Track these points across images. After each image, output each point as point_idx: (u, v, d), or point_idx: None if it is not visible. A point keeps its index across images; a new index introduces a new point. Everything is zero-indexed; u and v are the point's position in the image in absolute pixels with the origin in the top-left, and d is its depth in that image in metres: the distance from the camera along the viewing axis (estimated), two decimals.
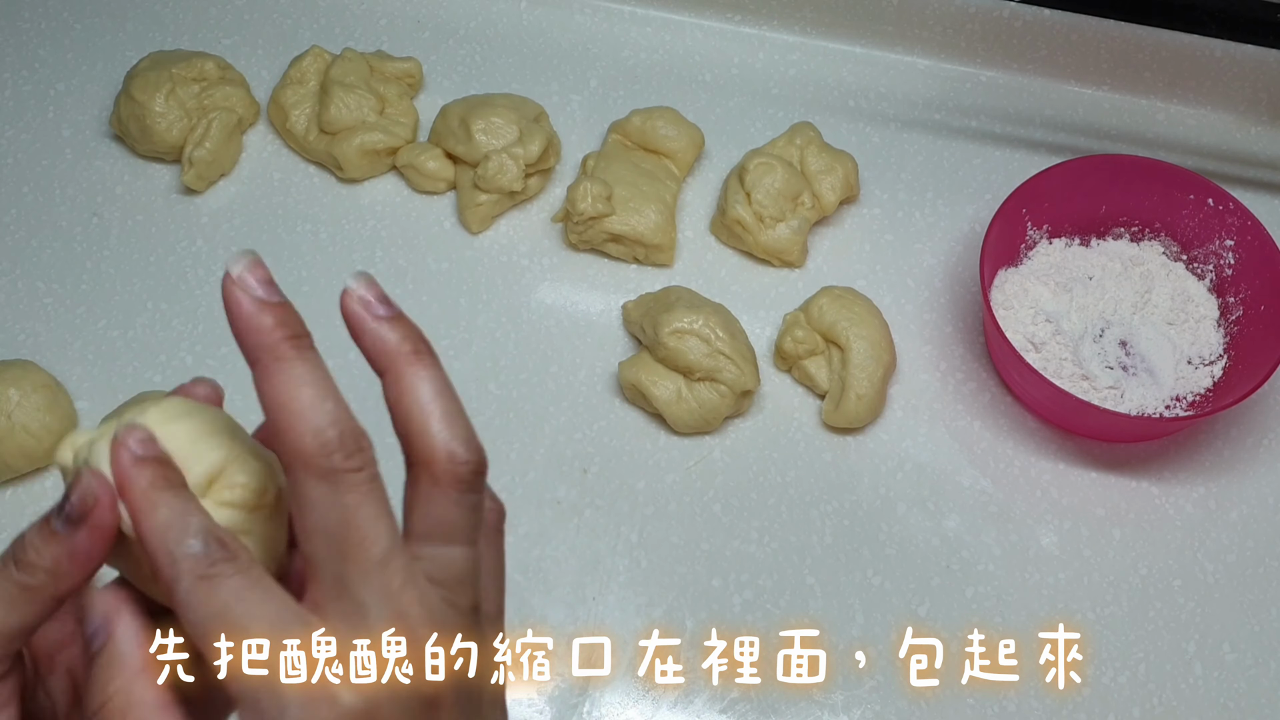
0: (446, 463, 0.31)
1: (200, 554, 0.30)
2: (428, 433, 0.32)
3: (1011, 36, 0.89)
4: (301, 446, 0.30)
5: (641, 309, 0.77)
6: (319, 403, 0.30)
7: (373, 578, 0.30)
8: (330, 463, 0.30)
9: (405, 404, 0.32)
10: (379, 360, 0.32)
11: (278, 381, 0.31)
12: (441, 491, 0.31)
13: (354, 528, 0.30)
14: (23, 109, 0.86)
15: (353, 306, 0.33)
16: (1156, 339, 0.77)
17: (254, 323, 0.31)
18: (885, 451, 0.75)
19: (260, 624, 0.29)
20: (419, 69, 0.87)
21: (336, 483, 0.30)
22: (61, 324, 0.78)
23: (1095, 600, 0.71)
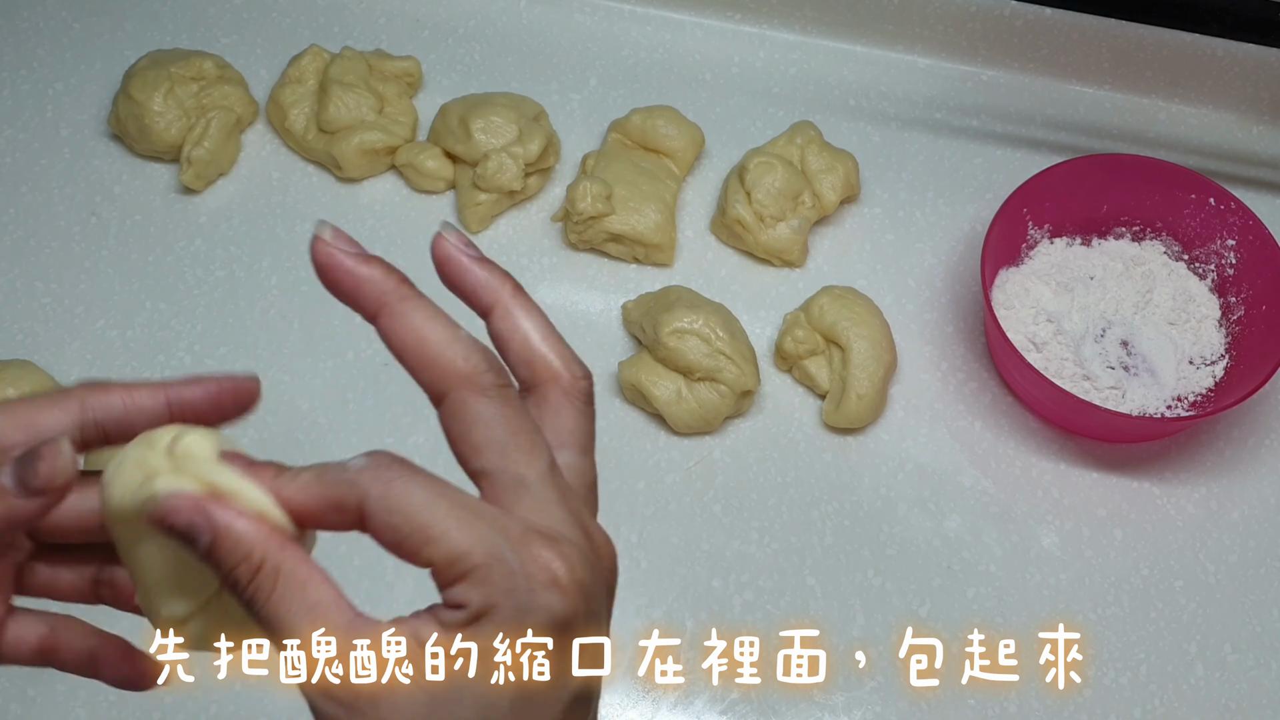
0: (571, 378, 0.35)
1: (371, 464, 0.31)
2: (549, 355, 0.35)
3: (1013, 35, 0.89)
4: (456, 370, 0.32)
5: (641, 309, 0.77)
6: (455, 331, 0.33)
7: (549, 479, 0.32)
8: (486, 380, 0.32)
9: (521, 333, 0.35)
10: (484, 296, 0.35)
11: (410, 321, 0.33)
12: (570, 403, 0.35)
13: (524, 435, 0.32)
14: (21, 108, 0.86)
15: (449, 250, 0.35)
16: (1158, 339, 0.77)
17: (366, 275, 0.33)
18: (886, 452, 0.75)
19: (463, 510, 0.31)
20: (418, 68, 0.87)
21: (495, 399, 0.32)
22: (60, 324, 0.78)
23: (1097, 601, 0.71)
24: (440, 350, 0.32)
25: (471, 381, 0.32)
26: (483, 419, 0.32)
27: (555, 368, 0.35)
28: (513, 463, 0.32)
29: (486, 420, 0.32)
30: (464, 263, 0.35)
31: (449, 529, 0.30)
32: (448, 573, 0.30)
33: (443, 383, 0.32)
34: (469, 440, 0.32)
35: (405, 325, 0.33)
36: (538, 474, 0.32)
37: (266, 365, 0.77)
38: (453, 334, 0.33)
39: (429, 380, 0.33)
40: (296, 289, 0.79)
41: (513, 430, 0.32)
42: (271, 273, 0.80)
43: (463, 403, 0.32)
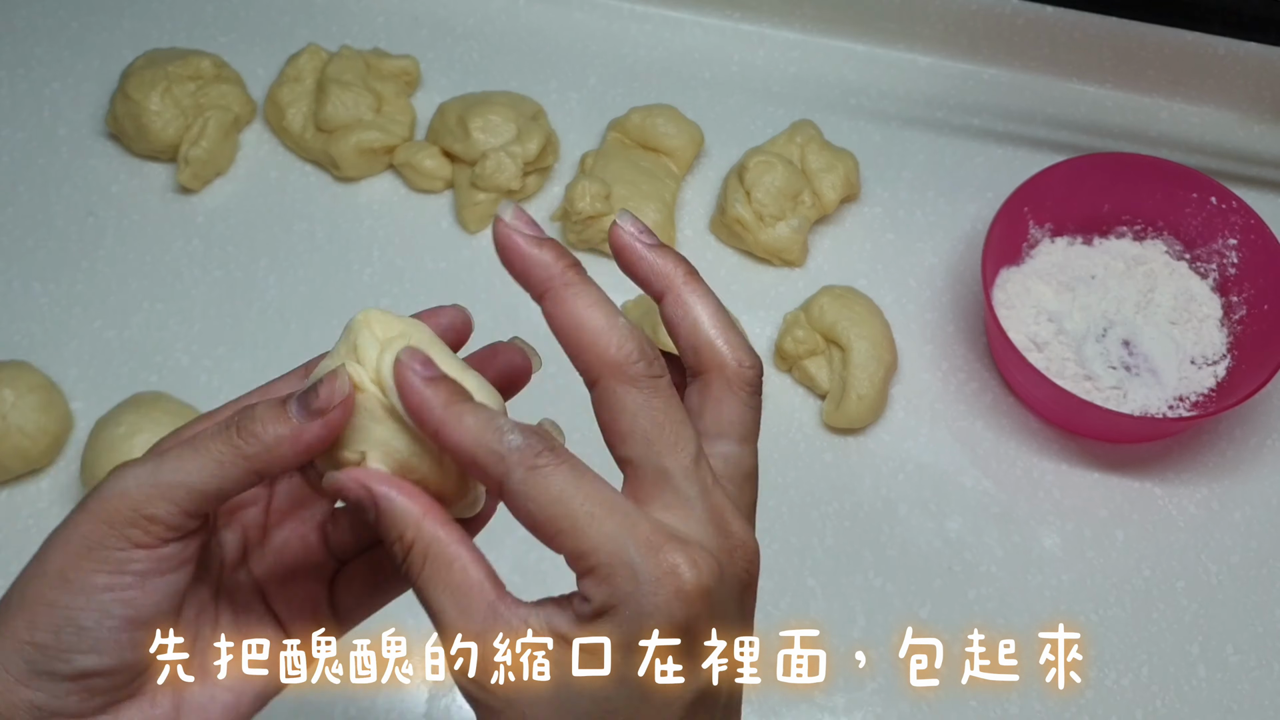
0: (738, 368, 0.35)
1: (524, 446, 0.32)
2: (717, 342, 0.35)
3: (1014, 34, 0.89)
4: (609, 357, 0.33)
5: (641, 308, 0.76)
6: (614, 319, 0.33)
7: (691, 473, 0.33)
8: (636, 370, 0.33)
9: (691, 319, 0.35)
10: (659, 283, 0.36)
11: (573, 305, 0.33)
12: (734, 393, 0.35)
13: (669, 428, 0.33)
14: (18, 108, 0.85)
15: (625, 239, 0.36)
16: (1159, 338, 0.77)
17: (537, 258, 0.34)
18: (886, 452, 0.75)
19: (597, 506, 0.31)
20: (416, 67, 0.86)
21: (644, 388, 0.33)
22: (57, 324, 0.77)
23: (1098, 602, 0.71)
24: (595, 337, 0.33)
25: (621, 370, 0.33)
26: (629, 408, 0.33)
27: (722, 355, 0.35)
28: (656, 454, 0.32)
29: (633, 410, 0.33)
30: (639, 250, 0.36)
31: (579, 523, 0.31)
32: (576, 565, 0.31)
33: (595, 369, 0.33)
34: (615, 428, 0.33)
35: (565, 310, 0.33)
36: (680, 467, 0.32)
37: (264, 365, 0.76)
38: (610, 321, 0.33)
39: (582, 365, 0.33)
40: (295, 289, 0.79)
41: (658, 421, 0.33)
42: (269, 272, 0.80)
43: (611, 391, 0.33)
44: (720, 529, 0.33)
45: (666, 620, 0.31)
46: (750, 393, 0.35)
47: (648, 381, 0.33)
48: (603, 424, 0.33)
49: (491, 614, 0.32)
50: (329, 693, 0.65)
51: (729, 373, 0.35)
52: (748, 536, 0.34)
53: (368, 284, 0.79)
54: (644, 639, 0.31)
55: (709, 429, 0.35)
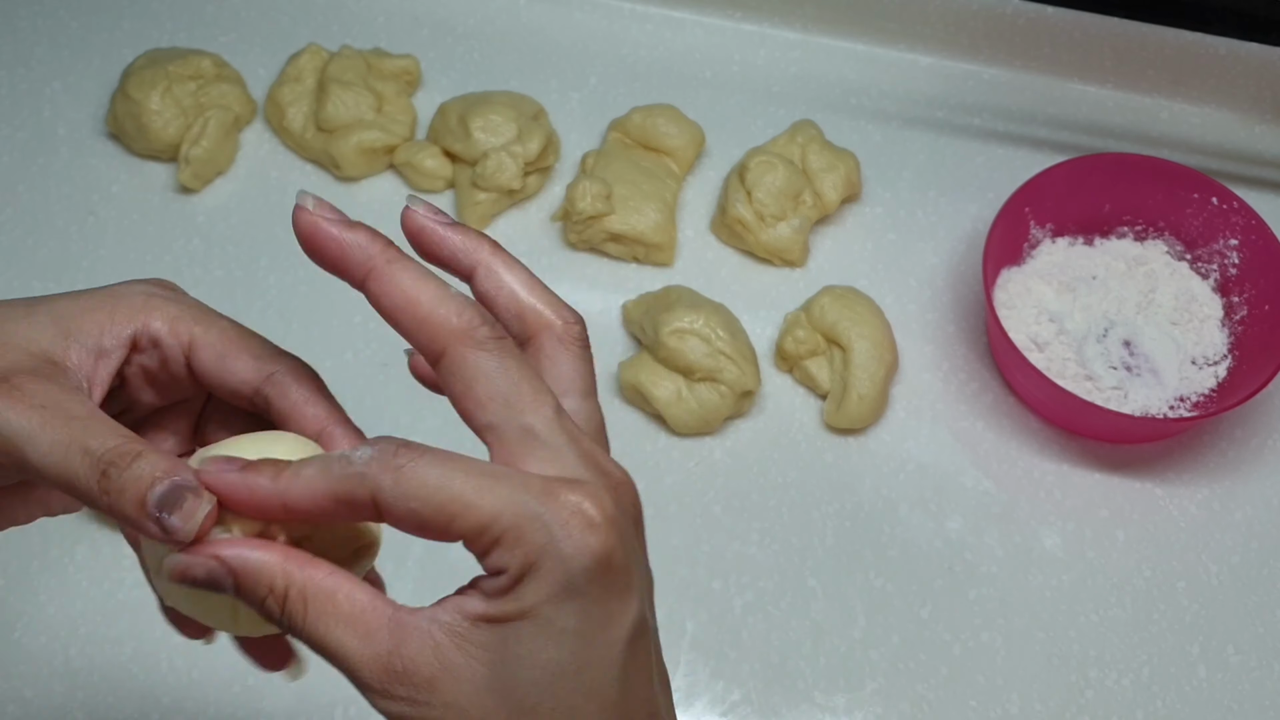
0: (564, 325, 0.35)
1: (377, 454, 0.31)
2: (539, 305, 0.35)
3: (1014, 34, 0.89)
4: (452, 326, 0.32)
5: (641, 309, 0.76)
6: (445, 289, 0.33)
7: (555, 425, 0.32)
8: (482, 334, 0.32)
9: (508, 288, 0.35)
10: (465, 259, 0.35)
11: (399, 281, 0.33)
12: (566, 349, 0.35)
13: (526, 384, 0.32)
14: (18, 107, 0.85)
15: (421, 221, 0.35)
16: (1160, 339, 0.77)
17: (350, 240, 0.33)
18: (887, 452, 0.75)
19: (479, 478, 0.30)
20: (417, 66, 0.86)
21: (493, 351, 0.32)
22: None
23: (1099, 602, 0.71)
24: (433, 308, 0.32)
25: (468, 336, 0.32)
26: (483, 372, 0.32)
27: (546, 316, 0.35)
28: (518, 413, 0.32)
29: (487, 373, 0.32)
30: (438, 230, 0.35)
31: (471, 499, 0.30)
32: (480, 541, 0.30)
33: (439, 340, 0.32)
34: (471, 395, 0.32)
35: (395, 286, 0.33)
36: (545, 421, 0.32)
37: None
38: (443, 291, 0.33)
39: (425, 340, 0.32)
40: (295, 289, 0.79)
41: (514, 380, 0.32)
42: (270, 272, 0.80)
43: (461, 358, 0.32)
44: (599, 469, 0.32)
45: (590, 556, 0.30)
46: (581, 346, 0.35)
47: (495, 344, 0.32)
48: (455, 394, 0.33)
49: (397, 628, 0.31)
50: (329, 693, 0.65)
51: (557, 331, 0.35)
52: (624, 473, 0.34)
53: None
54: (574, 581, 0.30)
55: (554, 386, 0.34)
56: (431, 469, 0.30)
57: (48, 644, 0.67)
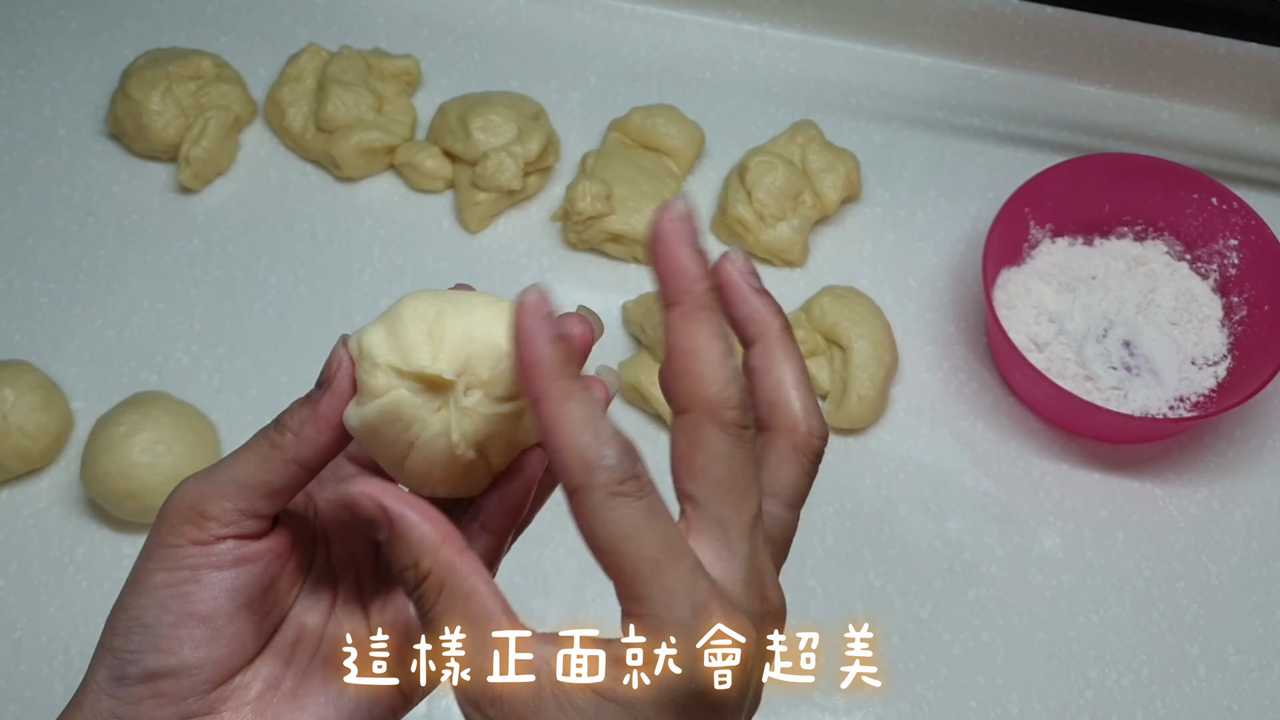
0: (807, 435, 0.35)
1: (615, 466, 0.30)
2: (794, 405, 0.35)
3: (1014, 34, 0.89)
4: (708, 395, 0.32)
5: (641, 309, 0.76)
6: (728, 357, 0.32)
7: (747, 531, 0.32)
8: (731, 415, 0.32)
9: (776, 374, 0.35)
10: (752, 328, 0.35)
11: (695, 329, 0.32)
12: (797, 459, 0.35)
13: (741, 481, 0.32)
14: (19, 107, 0.85)
15: (733, 275, 0.35)
16: (1160, 339, 0.77)
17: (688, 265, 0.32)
18: (887, 452, 0.75)
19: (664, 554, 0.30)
20: (417, 66, 0.86)
21: (731, 436, 0.32)
22: (57, 324, 0.77)
23: (1099, 602, 0.71)
24: (704, 369, 0.32)
25: (717, 411, 0.32)
26: (711, 449, 0.32)
27: (796, 418, 0.35)
28: (721, 502, 0.32)
29: (714, 453, 0.32)
30: (745, 291, 0.35)
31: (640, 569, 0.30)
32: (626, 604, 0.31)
33: (692, 399, 0.32)
34: (690, 462, 0.32)
35: (688, 331, 0.32)
36: (740, 523, 0.32)
37: (264, 365, 0.76)
38: (724, 359, 0.32)
39: (680, 391, 0.32)
40: (295, 288, 0.79)
41: (735, 473, 0.32)
42: (270, 272, 0.80)
43: (699, 426, 0.32)
44: (760, 593, 0.32)
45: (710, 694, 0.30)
46: (812, 462, 0.35)
47: (737, 431, 0.32)
48: (677, 453, 0.33)
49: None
50: None
51: (798, 438, 0.35)
52: (781, 604, 0.34)
53: (368, 284, 0.79)
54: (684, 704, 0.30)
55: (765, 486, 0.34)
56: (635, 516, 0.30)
57: (48, 644, 0.67)
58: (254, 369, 0.76)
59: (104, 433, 0.69)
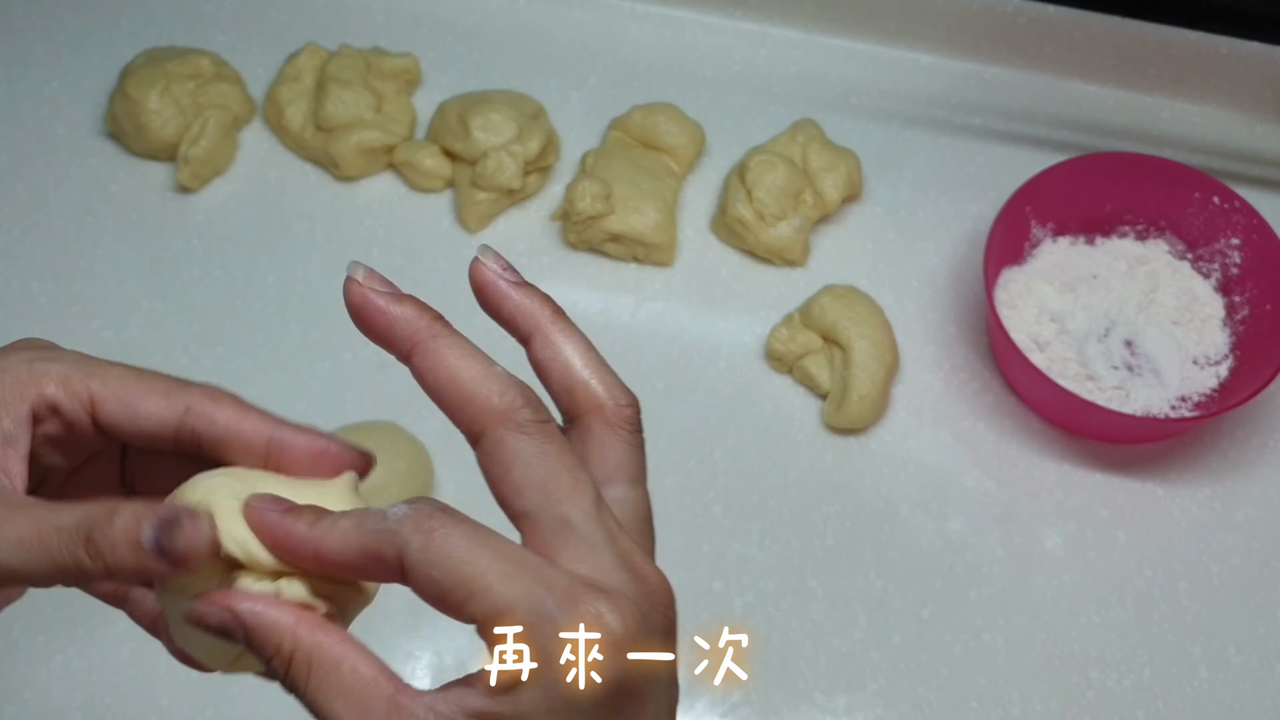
0: (615, 407, 0.33)
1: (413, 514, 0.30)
2: (591, 383, 0.33)
3: (1015, 33, 0.88)
4: (493, 406, 0.31)
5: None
6: (490, 367, 0.32)
7: (594, 518, 0.31)
8: (523, 416, 0.31)
9: (562, 360, 0.34)
10: (524, 323, 0.34)
11: (444, 357, 0.32)
12: (615, 434, 0.33)
13: (565, 474, 0.31)
14: (17, 107, 0.85)
15: (487, 276, 0.35)
16: (1162, 339, 0.77)
17: (397, 314, 0.33)
18: (888, 453, 0.75)
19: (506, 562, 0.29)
20: (416, 65, 0.86)
21: (534, 435, 0.31)
22: (55, 324, 0.77)
23: (1100, 603, 0.71)
24: (475, 388, 0.31)
25: (508, 418, 0.31)
26: (521, 457, 0.31)
27: (598, 396, 0.33)
28: (555, 503, 0.31)
29: (525, 459, 0.31)
30: (501, 288, 0.34)
31: (491, 583, 0.29)
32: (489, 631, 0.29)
33: (478, 421, 0.31)
34: (508, 480, 0.31)
35: (438, 362, 0.32)
36: (582, 513, 0.31)
37: (263, 365, 0.76)
38: (487, 370, 0.32)
39: (464, 419, 0.31)
40: (293, 288, 0.79)
41: (553, 468, 0.31)
42: (269, 272, 0.80)
43: (500, 441, 0.31)
44: (633, 573, 0.31)
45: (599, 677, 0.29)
46: (631, 431, 0.33)
47: (536, 428, 0.31)
48: (492, 478, 0.31)
49: (394, 709, 0.30)
50: None
51: (608, 413, 0.33)
52: (661, 579, 0.32)
53: None
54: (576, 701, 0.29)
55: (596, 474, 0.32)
56: (461, 541, 0.29)
57: (47, 644, 0.67)
58: (253, 369, 0.76)
59: None
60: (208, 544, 0.31)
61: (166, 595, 0.33)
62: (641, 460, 0.34)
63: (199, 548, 0.31)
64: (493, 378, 0.31)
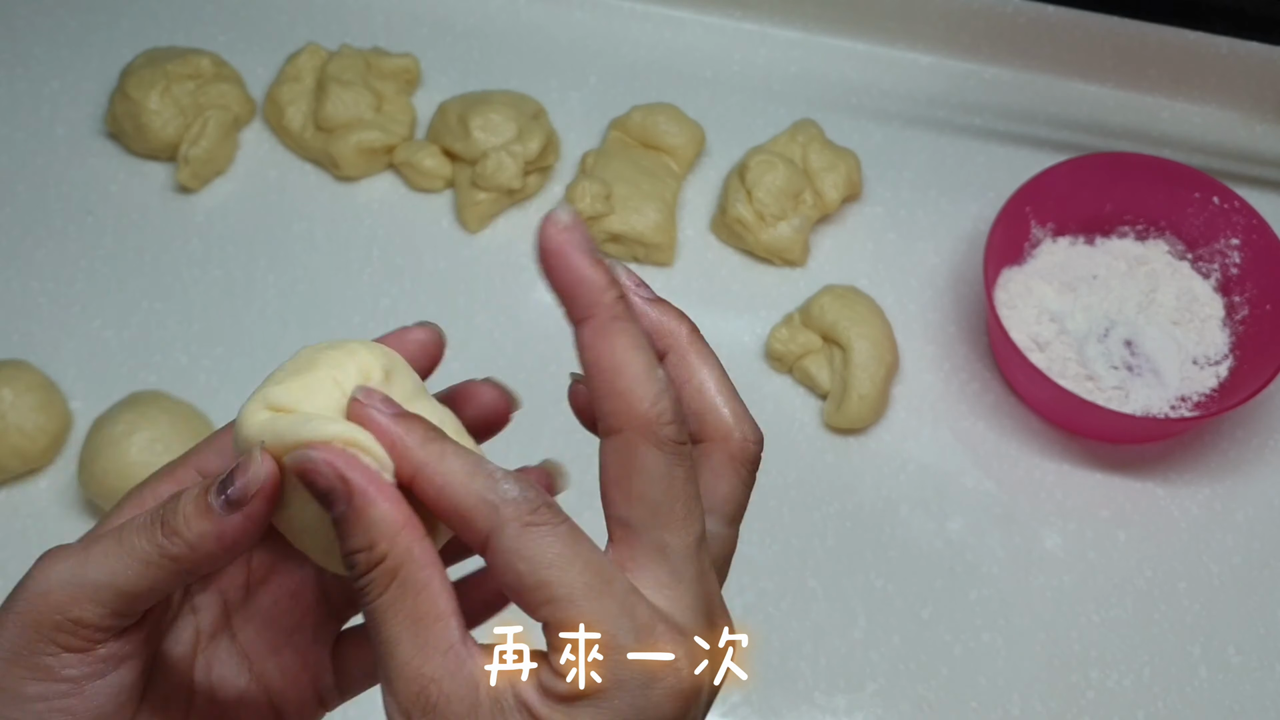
0: (742, 441, 0.32)
1: (521, 499, 0.29)
2: (724, 411, 0.32)
3: (1015, 33, 0.88)
4: (641, 411, 0.30)
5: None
6: (654, 368, 0.30)
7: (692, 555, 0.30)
8: (667, 432, 0.30)
9: (696, 382, 0.32)
10: (658, 341, 0.32)
11: (615, 343, 0.30)
12: (735, 469, 0.32)
13: (683, 502, 0.30)
14: (17, 107, 0.85)
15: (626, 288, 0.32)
16: (1161, 339, 0.76)
17: (588, 275, 0.30)
18: (888, 453, 0.75)
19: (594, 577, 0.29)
20: (416, 65, 0.86)
21: (669, 454, 0.30)
22: (55, 323, 0.77)
23: (1100, 603, 0.71)
24: (632, 385, 0.30)
25: (651, 428, 0.29)
26: (647, 470, 0.30)
27: (727, 426, 0.32)
28: (661, 526, 0.30)
29: (651, 473, 0.29)
30: (639, 305, 0.32)
31: (575, 595, 0.28)
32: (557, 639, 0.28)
33: (621, 418, 0.30)
34: (624, 486, 0.30)
35: (608, 346, 0.30)
36: (682, 546, 0.30)
37: (263, 365, 0.76)
38: (649, 371, 0.30)
39: (609, 409, 0.30)
40: (294, 288, 0.79)
41: (674, 493, 0.30)
42: (269, 272, 0.79)
43: (634, 446, 0.30)
44: (710, 621, 0.30)
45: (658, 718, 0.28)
46: (749, 470, 0.33)
47: (674, 447, 0.30)
48: (608, 477, 0.30)
49: (453, 660, 0.29)
50: None
51: (733, 447, 0.32)
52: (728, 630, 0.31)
53: (367, 284, 0.79)
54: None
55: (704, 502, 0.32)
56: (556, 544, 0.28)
57: None
58: (252, 369, 0.76)
59: (102, 432, 0.69)
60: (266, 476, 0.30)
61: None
62: (745, 500, 0.33)
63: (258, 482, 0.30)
64: (652, 380, 0.30)
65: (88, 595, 0.31)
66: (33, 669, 0.31)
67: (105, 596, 0.31)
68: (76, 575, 0.31)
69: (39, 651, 0.31)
